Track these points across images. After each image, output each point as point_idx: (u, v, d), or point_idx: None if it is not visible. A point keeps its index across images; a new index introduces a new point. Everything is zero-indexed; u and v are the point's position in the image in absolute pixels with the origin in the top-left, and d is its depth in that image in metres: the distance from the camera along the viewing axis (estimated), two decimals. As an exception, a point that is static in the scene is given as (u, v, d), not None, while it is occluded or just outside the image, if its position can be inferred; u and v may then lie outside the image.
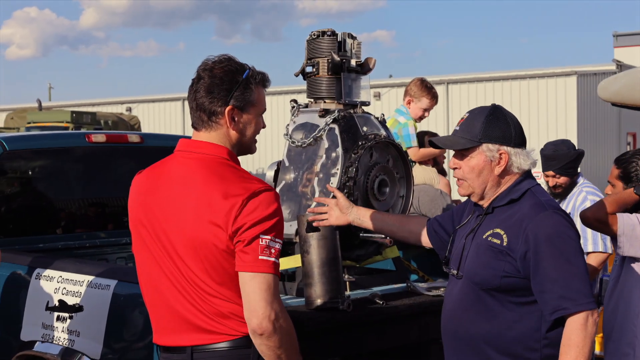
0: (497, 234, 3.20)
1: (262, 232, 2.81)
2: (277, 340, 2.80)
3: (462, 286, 3.26)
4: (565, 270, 3.07)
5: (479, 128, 3.25)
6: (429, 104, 6.10)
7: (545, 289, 3.08)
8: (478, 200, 3.33)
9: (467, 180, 3.29)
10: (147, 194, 3.02)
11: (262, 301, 2.78)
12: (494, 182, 3.27)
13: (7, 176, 5.29)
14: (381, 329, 3.91)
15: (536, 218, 3.14)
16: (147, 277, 3.03)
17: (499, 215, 3.25)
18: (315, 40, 4.20)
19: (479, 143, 3.24)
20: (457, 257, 3.34)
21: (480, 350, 3.20)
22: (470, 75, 32.76)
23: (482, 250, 3.22)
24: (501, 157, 3.24)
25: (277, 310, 2.80)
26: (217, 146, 2.98)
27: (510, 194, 3.26)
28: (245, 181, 2.89)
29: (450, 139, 3.34)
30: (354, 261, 4.27)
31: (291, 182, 4.20)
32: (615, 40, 41.00)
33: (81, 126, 21.64)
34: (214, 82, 2.95)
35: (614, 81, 6.42)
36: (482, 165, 3.26)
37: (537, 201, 3.21)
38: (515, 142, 3.26)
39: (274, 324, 2.79)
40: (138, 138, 5.73)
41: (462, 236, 3.38)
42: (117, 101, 40.37)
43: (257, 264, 2.80)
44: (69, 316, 4.15)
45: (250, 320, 2.80)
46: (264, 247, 2.80)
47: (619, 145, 33.26)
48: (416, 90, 6.11)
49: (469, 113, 3.37)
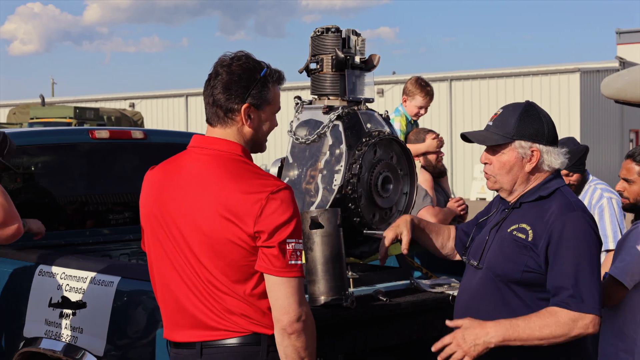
0: (522, 229, 3.22)
1: (288, 236, 2.84)
2: (304, 340, 2.84)
3: (481, 277, 3.28)
4: (580, 272, 3.09)
5: (512, 124, 3.26)
6: (423, 101, 6.12)
7: (558, 284, 3.10)
8: (507, 195, 3.34)
9: (496, 177, 3.31)
10: (160, 189, 3.02)
11: (294, 303, 2.83)
12: (524, 179, 3.29)
13: (10, 172, 5.28)
14: (385, 325, 3.91)
15: (563, 217, 3.15)
16: (159, 273, 3.03)
17: (527, 211, 3.26)
18: (319, 36, 4.19)
19: (512, 140, 3.26)
20: (478, 249, 3.36)
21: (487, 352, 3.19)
22: (473, 72, 32.76)
23: (506, 243, 3.24)
24: (533, 154, 3.26)
25: (306, 310, 2.86)
26: (232, 143, 2.98)
27: (539, 190, 3.27)
28: (261, 178, 2.90)
29: (483, 134, 3.34)
30: (357, 258, 4.26)
31: (295, 178, 4.20)
32: (618, 37, 41.00)
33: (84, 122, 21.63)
34: (232, 79, 2.95)
35: (617, 78, 6.42)
36: (513, 162, 3.27)
37: (566, 201, 3.22)
38: (547, 140, 3.27)
39: (303, 324, 2.83)
40: (142, 134, 5.73)
41: (486, 229, 3.40)
42: (120, 97, 40.41)
43: (288, 268, 2.84)
44: (72, 313, 4.15)
45: (281, 320, 2.83)
46: (291, 251, 2.84)
47: (621, 142, 33.26)
48: (411, 88, 6.16)
49: (503, 109, 3.36)
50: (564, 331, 3.07)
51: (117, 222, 5.65)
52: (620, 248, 3.94)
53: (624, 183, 4.40)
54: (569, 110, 30.17)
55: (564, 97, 30.33)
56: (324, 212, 3.68)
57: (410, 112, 6.15)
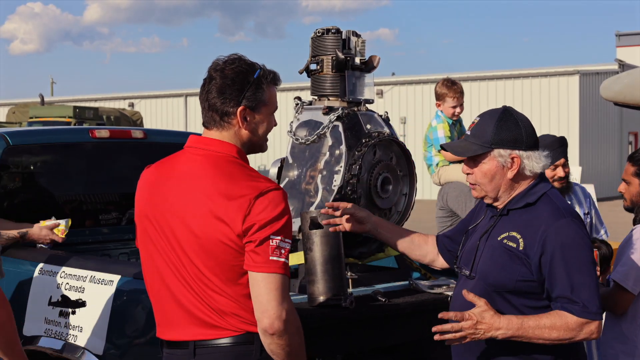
0: (513, 237, 3.18)
1: (273, 233, 2.83)
2: (287, 339, 2.82)
3: (474, 286, 3.24)
4: (580, 279, 3.08)
5: (490, 133, 3.22)
6: (454, 101, 6.32)
7: (560, 293, 3.09)
8: (492, 202, 3.32)
9: (480, 185, 3.28)
10: (154, 188, 3.03)
11: (273, 301, 2.80)
12: (507, 186, 3.26)
13: (10, 171, 5.29)
14: (383, 326, 3.92)
15: (554, 225, 3.12)
16: (151, 271, 3.03)
17: (515, 218, 3.23)
18: (319, 37, 4.20)
19: (490, 148, 3.22)
20: (469, 257, 3.33)
21: (491, 350, 3.20)
22: (472, 74, 32.75)
23: (497, 252, 3.21)
24: (513, 161, 3.22)
25: (287, 309, 2.82)
26: (227, 144, 2.99)
27: (525, 197, 3.24)
28: (253, 179, 2.90)
29: (462, 145, 3.31)
30: (356, 258, 4.27)
31: (294, 179, 4.21)
32: (618, 39, 41.00)
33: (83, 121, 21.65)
34: (225, 82, 2.96)
35: (616, 81, 6.42)
36: (495, 171, 3.23)
37: (555, 207, 3.19)
38: (527, 145, 3.22)
39: (284, 324, 2.80)
40: (141, 134, 5.73)
41: (475, 236, 3.37)
42: (120, 97, 40.41)
43: (268, 264, 2.81)
44: (72, 311, 4.16)
45: (261, 320, 2.82)
46: (274, 247, 2.82)
47: (620, 144, 33.27)
48: (440, 91, 6.38)
49: (480, 117, 3.32)
50: (570, 335, 3.06)
51: (116, 221, 5.66)
52: (622, 252, 3.94)
53: (624, 184, 4.43)
54: (567, 112, 30.19)
55: (563, 99, 30.34)
56: (324, 213, 3.69)
57: (447, 114, 6.36)
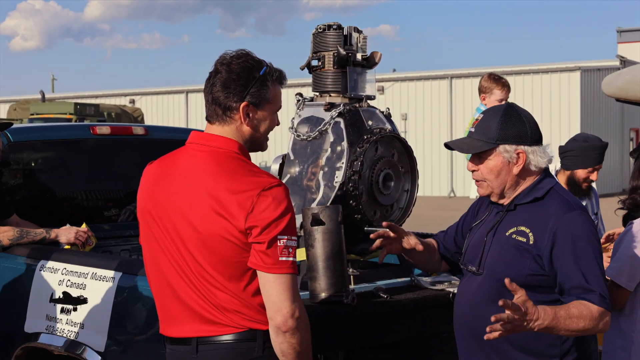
0: (522, 232, 3.19)
1: (279, 232, 2.82)
2: (299, 337, 2.83)
3: (482, 282, 3.24)
4: (593, 270, 3.10)
5: (494, 129, 3.23)
6: (501, 94, 6.28)
7: (575, 283, 3.10)
8: (498, 199, 3.32)
9: (487, 181, 3.29)
10: (156, 184, 3.03)
11: (286, 300, 2.82)
12: (513, 182, 3.27)
13: (11, 167, 5.28)
14: (385, 322, 3.92)
15: (564, 217, 3.14)
16: (154, 268, 3.03)
17: (522, 213, 3.24)
18: (321, 33, 4.20)
19: (496, 145, 3.23)
20: (475, 254, 3.32)
21: (500, 346, 3.19)
22: (473, 70, 32.71)
23: (505, 247, 3.21)
24: (519, 156, 3.23)
25: (299, 307, 2.84)
26: (229, 140, 2.98)
27: (533, 192, 3.25)
28: (255, 175, 2.89)
29: (467, 142, 3.32)
30: (358, 255, 4.27)
31: (296, 175, 4.20)
32: (619, 35, 40.95)
33: (84, 118, 21.67)
34: (230, 77, 2.95)
35: (617, 77, 6.43)
36: (501, 167, 3.24)
37: (563, 200, 3.22)
38: (532, 140, 3.24)
39: (297, 321, 2.82)
40: (143, 130, 5.73)
41: (480, 233, 3.37)
42: (121, 93, 40.39)
43: (279, 265, 2.82)
44: (73, 308, 4.16)
45: (274, 318, 2.82)
46: (283, 247, 2.83)
47: (622, 141, 33.24)
48: (487, 85, 6.34)
49: (484, 114, 3.33)
50: (593, 325, 3.06)
51: (118, 217, 5.66)
52: (616, 249, 3.95)
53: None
54: (569, 108, 30.16)
55: (565, 95, 30.31)
56: (325, 209, 3.68)
57: None
